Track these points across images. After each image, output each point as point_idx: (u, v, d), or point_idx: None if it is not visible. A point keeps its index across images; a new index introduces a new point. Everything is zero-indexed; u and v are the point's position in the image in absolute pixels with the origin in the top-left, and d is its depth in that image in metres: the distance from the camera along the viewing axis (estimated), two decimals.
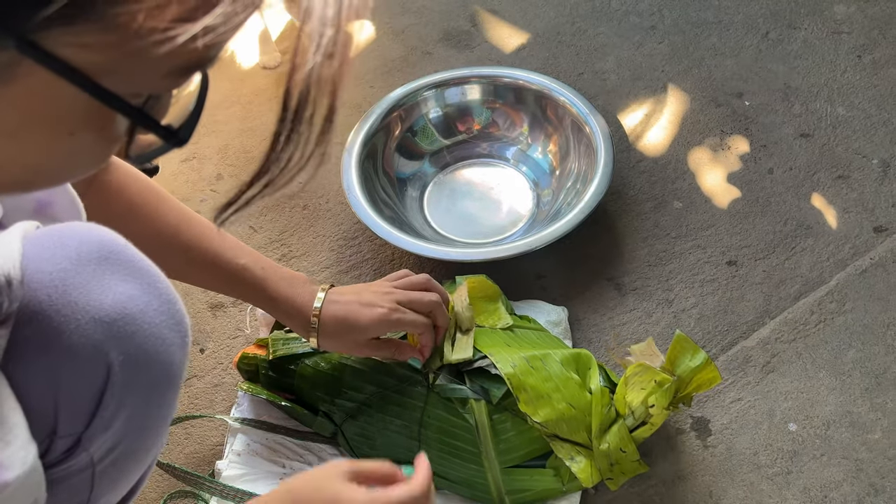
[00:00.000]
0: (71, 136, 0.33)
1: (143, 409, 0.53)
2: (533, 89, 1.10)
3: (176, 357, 0.54)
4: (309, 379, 0.84)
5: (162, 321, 0.52)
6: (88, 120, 0.33)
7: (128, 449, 0.55)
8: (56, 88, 0.31)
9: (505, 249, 0.96)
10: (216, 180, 1.13)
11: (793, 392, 0.89)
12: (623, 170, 1.10)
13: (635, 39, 1.25)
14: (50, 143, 0.33)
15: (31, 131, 0.33)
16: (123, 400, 0.51)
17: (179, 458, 0.88)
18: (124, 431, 0.53)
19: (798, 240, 1.02)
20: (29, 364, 0.46)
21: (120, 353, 0.50)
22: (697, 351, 0.75)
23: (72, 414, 0.50)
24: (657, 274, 1.00)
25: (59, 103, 0.32)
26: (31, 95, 0.31)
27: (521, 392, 0.76)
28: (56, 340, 0.48)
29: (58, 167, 0.36)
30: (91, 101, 0.32)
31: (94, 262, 0.50)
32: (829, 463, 0.84)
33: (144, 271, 0.53)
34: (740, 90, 1.18)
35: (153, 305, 0.52)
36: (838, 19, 1.25)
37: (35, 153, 0.34)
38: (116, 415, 0.52)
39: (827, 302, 0.96)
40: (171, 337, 0.53)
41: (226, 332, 0.98)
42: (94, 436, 0.51)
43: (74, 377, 0.49)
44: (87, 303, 0.49)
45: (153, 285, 0.53)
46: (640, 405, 0.75)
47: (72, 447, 0.51)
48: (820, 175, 1.08)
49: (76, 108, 0.32)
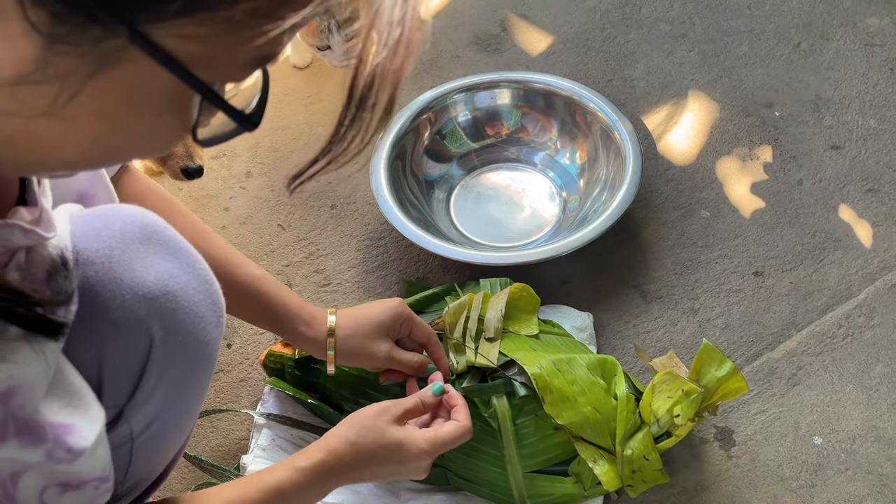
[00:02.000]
0: (157, 118, 0.36)
1: (180, 384, 0.55)
2: (563, 95, 1.10)
3: (212, 335, 0.55)
4: (334, 378, 0.84)
5: (200, 300, 0.54)
6: (175, 104, 0.36)
7: (164, 425, 0.57)
8: (154, 74, 0.33)
9: (531, 254, 0.96)
10: (246, 178, 1.14)
11: (818, 405, 0.89)
12: (650, 177, 1.10)
13: (665, 47, 1.25)
14: (137, 124, 0.36)
15: (124, 112, 0.35)
16: (163, 374, 0.53)
17: (205, 451, 0.89)
18: (162, 406, 0.55)
19: (826, 252, 1.02)
20: (76, 337, 0.47)
21: (161, 329, 0.52)
22: (724, 360, 0.75)
23: (115, 386, 0.52)
24: (683, 283, 1.00)
25: (154, 88, 0.34)
26: (131, 79, 0.33)
27: (547, 393, 0.77)
28: (101, 315, 0.50)
29: (135, 147, 0.38)
30: (180, 86, 0.34)
31: (137, 241, 0.52)
32: (854, 477, 0.84)
33: (184, 252, 0.55)
34: (770, 100, 1.17)
35: (192, 284, 0.54)
36: (871, 31, 1.24)
37: (120, 133, 0.36)
38: (156, 388, 0.53)
39: (855, 316, 0.95)
40: (208, 315, 0.55)
41: (253, 328, 0.99)
42: (136, 408, 0.53)
43: (118, 350, 0.51)
44: (132, 279, 0.50)
45: (192, 265, 0.54)
46: (666, 413, 0.75)
47: (115, 419, 0.53)
48: (850, 188, 1.08)
49: (167, 92, 0.35)
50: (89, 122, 0.35)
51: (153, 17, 0.31)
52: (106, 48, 0.32)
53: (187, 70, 0.33)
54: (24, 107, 0.33)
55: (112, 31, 0.31)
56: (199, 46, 0.33)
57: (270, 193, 1.12)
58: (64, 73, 0.32)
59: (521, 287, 0.86)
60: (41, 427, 0.44)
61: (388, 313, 0.76)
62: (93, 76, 0.33)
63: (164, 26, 0.32)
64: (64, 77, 0.32)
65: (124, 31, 0.31)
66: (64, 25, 0.31)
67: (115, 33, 0.31)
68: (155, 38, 0.32)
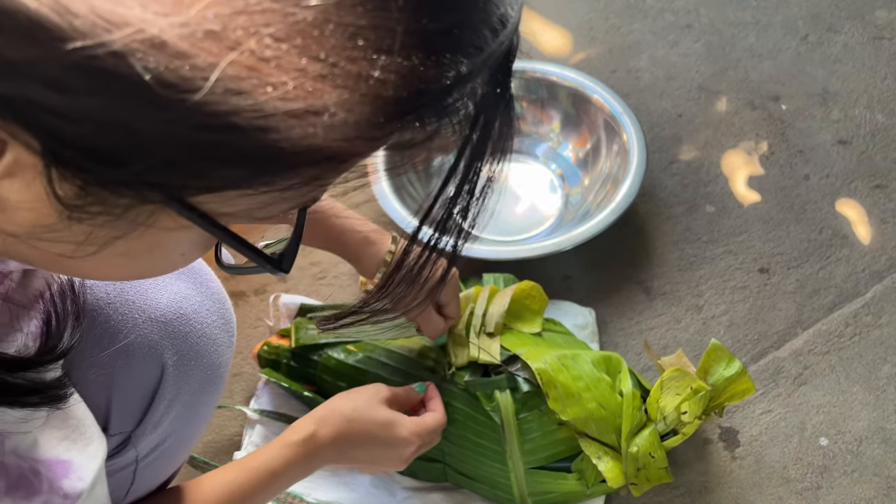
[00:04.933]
0: (181, 256, 0.33)
1: (190, 408, 0.53)
2: (566, 86, 1.08)
3: (224, 357, 0.54)
4: (332, 370, 0.82)
5: (213, 321, 0.52)
6: (201, 246, 0.34)
7: (170, 447, 0.54)
8: (187, 227, 0.30)
9: (532, 249, 0.94)
10: None
11: (825, 406, 0.87)
12: (655, 171, 1.08)
13: (670, 38, 1.23)
14: (161, 261, 0.33)
15: (151, 255, 0.32)
16: (174, 399, 0.51)
17: (197, 448, 0.87)
18: (171, 430, 0.53)
19: (833, 249, 1.00)
20: (85, 363, 0.45)
21: (174, 353, 0.49)
22: (732, 360, 0.73)
23: (124, 413, 0.49)
24: (687, 279, 0.98)
25: (185, 237, 0.32)
26: (164, 234, 0.30)
27: (551, 389, 0.75)
28: (113, 338, 0.47)
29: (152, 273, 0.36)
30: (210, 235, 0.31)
31: None
32: (861, 479, 0.82)
33: (197, 271, 0.53)
34: (777, 93, 1.15)
35: (206, 306, 0.52)
36: (880, 24, 1.22)
37: (143, 267, 0.34)
38: (166, 414, 0.51)
39: (862, 314, 0.94)
40: (220, 337, 0.53)
41: (247, 321, 0.97)
42: (144, 434, 0.51)
43: (129, 376, 0.48)
44: (144, 302, 0.48)
45: (205, 285, 0.52)
46: (674, 411, 0.73)
47: (120, 444, 0.50)
48: (857, 183, 1.06)
49: (196, 238, 0.32)
50: (113, 259, 0.31)
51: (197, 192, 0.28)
52: (139, 212, 0.28)
53: (224, 227, 0.30)
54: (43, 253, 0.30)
55: (146, 199, 0.28)
56: (242, 207, 0.30)
57: None
58: (89, 232, 0.29)
59: (531, 286, 0.84)
60: (36, 474, 0.40)
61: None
62: (121, 237, 0.29)
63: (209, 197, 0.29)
64: (88, 235, 0.29)
65: (160, 197, 0.28)
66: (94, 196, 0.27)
67: (150, 200, 0.28)
68: (196, 203, 0.29)
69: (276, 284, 1.00)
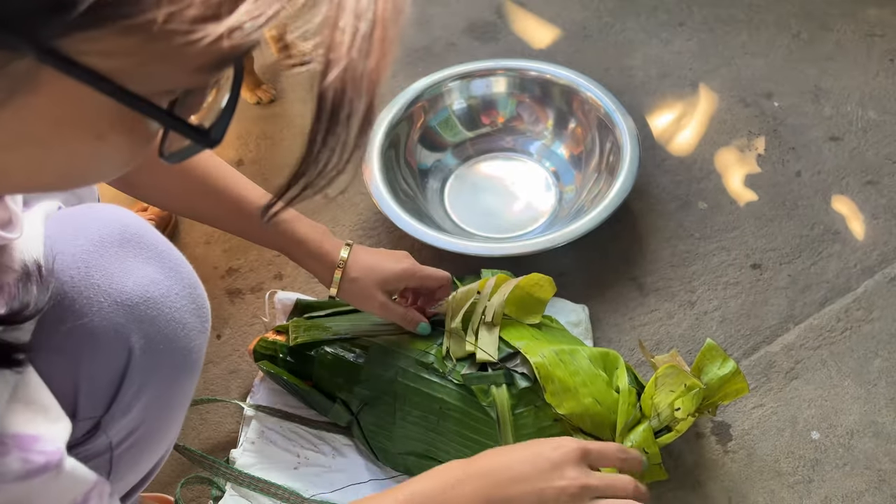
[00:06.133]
0: (100, 140, 0.32)
1: (162, 393, 0.53)
2: (560, 84, 1.08)
3: (196, 342, 0.53)
4: (328, 366, 0.83)
5: (183, 305, 0.52)
6: (117, 122, 0.32)
7: (146, 433, 0.54)
8: (81, 94, 0.29)
9: (526, 245, 0.95)
10: (237, 165, 1.12)
11: (816, 399, 0.88)
12: (648, 168, 1.08)
13: (663, 36, 1.23)
14: (79, 149, 0.32)
15: (60, 138, 0.31)
16: (143, 384, 0.51)
17: (194, 443, 0.87)
18: (143, 416, 0.52)
19: (825, 245, 1.01)
20: (51, 346, 0.45)
21: (141, 337, 0.49)
22: (727, 360, 0.74)
23: (92, 397, 0.49)
24: (680, 275, 0.99)
25: (85, 109, 0.30)
26: (56, 103, 0.30)
27: (549, 383, 0.75)
28: (78, 323, 0.47)
29: (87, 170, 0.34)
30: (117, 104, 0.30)
31: (115, 245, 0.50)
32: (852, 473, 0.83)
33: (166, 255, 0.52)
34: (770, 91, 1.16)
35: (175, 290, 0.51)
36: (871, 22, 1.23)
37: (65, 159, 0.32)
38: (136, 399, 0.51)
39: (854, 309, 0.94)
40: (192, 322, 0.52)
41: (243, 318, 0.97)
42: (114, 420, 0.51)
43: (95, 360, 0.48)
44: (110, 285, 0.48)
45: (175, 269, 0.52)
46: (667, 407, 0.74)
47: (91, 430, 0.50)
48: (849, 180, 1.06)
49: (103, 111, 0.31)
50: (26, 149, 0.31)
51: (57, 31, 0.27)
52: (13, 72, 0.28)
53: (118, 85, 0.29)
54: None
55: (15, 51, 0.27)
56: (127, 59, 0.28)
57: (262, 181, 1.10)
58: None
59: (540, 277, 0.84)
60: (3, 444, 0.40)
61: (396, 274, 0.77)
62: (5, 103, 0.29)
63: (77, 41, 0.27)
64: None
65: (31, 50, 0.27)
66: None
67: (20, 53, 0.27)
68: (69, 54, 0.27)
69: (272, 282, 1.01)
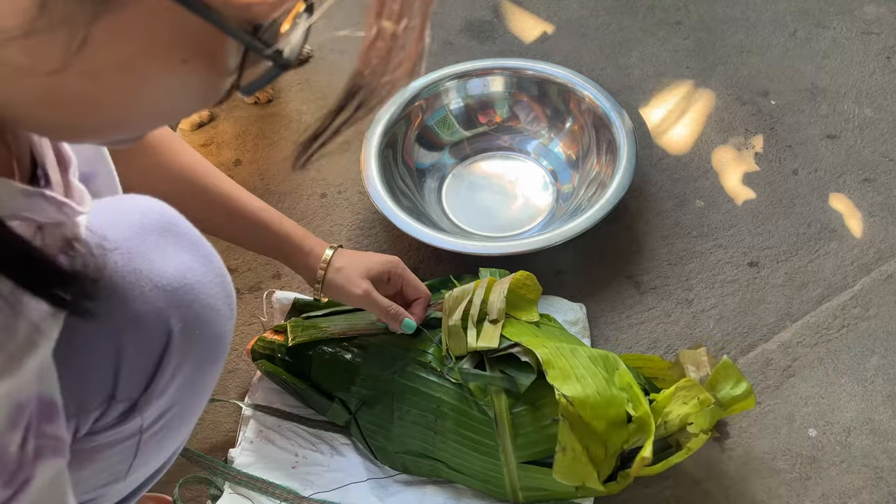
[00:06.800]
0: (185, 64, 0.33)
1: (194, 377, 0.54)
2: (557, 83, 1.08)
3: (226, 328, 0.55)
4: (326, 365, 0.83)
5: (216, 292, 0.53)
6: (200, 46, 0.33)
7: (173, 418, 0.56)
8: (167, 13, 0.31)
9: (524, 244, 0.95)
10: (235, 165, 1.12)
11: (813, 397, 0.88)
12: (645, 167, 1.09)
13: (660, 34, 1.24)
14: (164, 74, 0.33)
15: (145, 61, 0.32)
16: (179, 366, 0.52)
17: (193, 443, 0.87)
18: (174, 399, 0.54)
19: (822, 243, 1.01)
20: (93, 327, 0.46)
21: (180, 321, 0.51)
22: (741, 380, 0.74)
23: (131, 378, 0.50)
24: (677, 273, 0.99)
25: (171, 29, 0.32)
26: (144, 21, 0.31)
27: (550, 368, 0.75)
28: (121, 306, 0.48)
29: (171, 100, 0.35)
30: (202, 26, 0.31)
31: (155, 233, 0.51)
32: (849, 470, 0.83)
33: (200, 244, 0.54)
34: (766, 89, 1.16)
35: (209, 277, 0.53)
36: (868, 19, 1.23)
37: (150, 86, 0.33)
38: (172, 381, 0.53)
39: (850, 307, 0.95)
40: (223, 308, 0.54)
41: (241, 318, 0.97)
42: (150, 401, 0.52)
43: (137, 342, 0.50)
44: (151, 270, 0.49)
45: (208, 258, 0.54)
46: (675, 418, 0.74)
47: (126, 411, 0.52)
48: (846, 177, 1.07)
49: (188, 33, 0.32)
50: (114, 75, 0.32)
51: None
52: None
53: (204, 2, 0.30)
54: (40, 61, 0.31)
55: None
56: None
57: (259, 181, 1.10)
58: (66, 17, 0.30)
59: (525, 275, 0.85)
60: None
61: (380, 264, 0.80)
62: (97, 17, 0.30)
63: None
64: (68, 22, 0.30)
65: None
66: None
67: None
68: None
69: (270, 282, 1.01)
